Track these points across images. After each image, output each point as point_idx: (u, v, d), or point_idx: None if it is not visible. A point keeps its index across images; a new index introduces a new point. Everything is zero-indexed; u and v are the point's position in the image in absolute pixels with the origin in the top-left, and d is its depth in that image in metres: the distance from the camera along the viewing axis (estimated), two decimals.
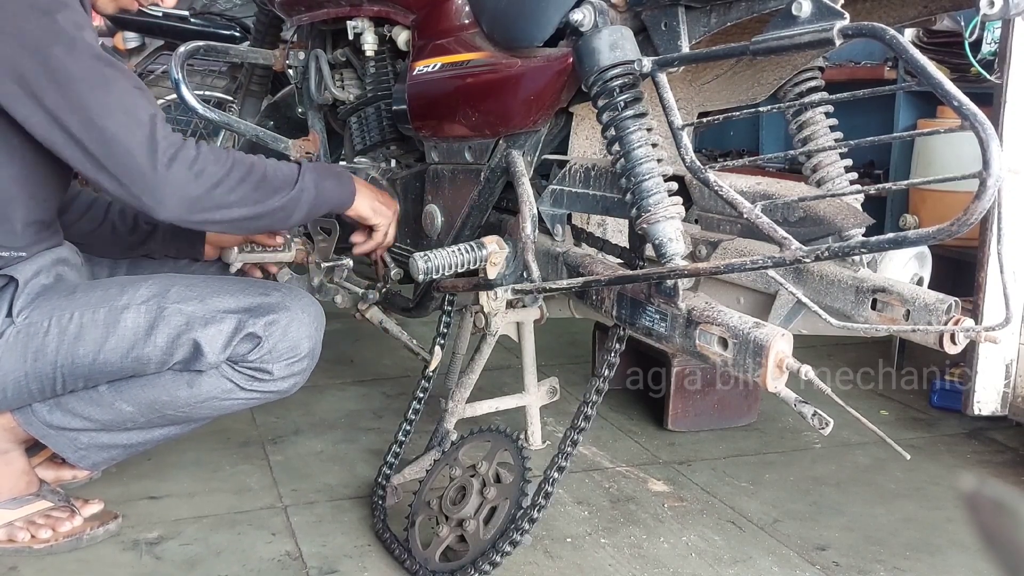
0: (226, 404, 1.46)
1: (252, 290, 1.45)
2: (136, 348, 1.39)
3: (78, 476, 1.69)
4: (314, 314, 1.47)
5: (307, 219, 1.50)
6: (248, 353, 1.40)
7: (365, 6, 1.70)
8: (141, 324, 1.38)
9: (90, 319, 1.38)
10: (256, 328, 1.39)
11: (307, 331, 1.44)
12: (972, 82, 2.22)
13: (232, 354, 1.40)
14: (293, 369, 1.44)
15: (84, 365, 1.39)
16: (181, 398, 1.43)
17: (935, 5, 1.25)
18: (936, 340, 1.24)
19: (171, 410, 1.46)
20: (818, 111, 1.43)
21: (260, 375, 1.43)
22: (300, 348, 1.43)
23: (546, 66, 1.32)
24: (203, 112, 1.80)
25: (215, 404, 1.45)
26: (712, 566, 1.48)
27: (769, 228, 1.00)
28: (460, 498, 1.38)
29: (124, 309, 1.39)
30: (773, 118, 3.68)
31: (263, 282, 1.58)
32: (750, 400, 2.10)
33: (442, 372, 1.81)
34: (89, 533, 1.50)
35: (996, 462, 1.95)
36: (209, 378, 1.42)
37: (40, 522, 1.48)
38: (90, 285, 1.46)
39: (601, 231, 1.60)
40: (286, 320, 1.41)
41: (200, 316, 1.39)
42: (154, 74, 3.28)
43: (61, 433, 1.47)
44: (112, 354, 1.38)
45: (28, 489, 1.52)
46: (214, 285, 1.44)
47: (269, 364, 1.42)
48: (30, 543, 1.46)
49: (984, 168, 0.81)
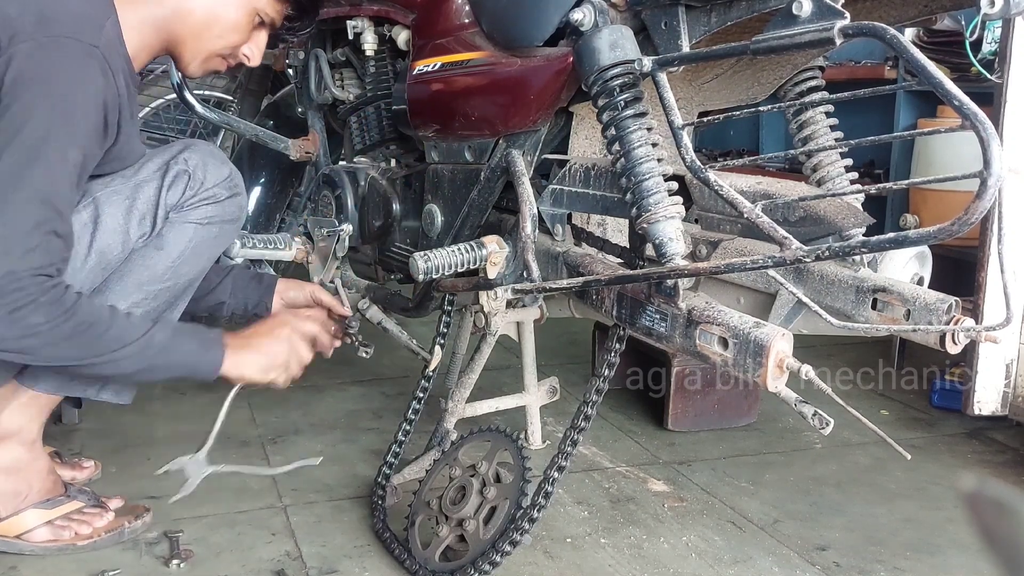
0: (201, 250, 1.47)
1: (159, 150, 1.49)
2: (93, 243, 1.39)
3: (78, 476, 1.69)
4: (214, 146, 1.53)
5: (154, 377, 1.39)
6: (185, 190, 1.43)
7: (365, 6, 1.70)
8: (86, 219, 1.38)
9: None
10: (179, 166, 1.44)
11: (220, 157, 1.49)
12: (972, 82, 2.22)
13: (171, 199, 1.43)
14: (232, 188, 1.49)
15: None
16: (160, 267, 1.44)
17: (935, 4, 1.25)
18: (936, 340, 1.24)
19: (158, 284, 1.45)
20: (818, 111, 1.43)
21: (207, 201, 1.45)
22: (224, 171, 1.48)
23: (546, 66, 1.32)
24: (203, 112, 1.81)
25: (190, 255, 1.46)
26: (712, 566, 1.48)
27: (769, 228, 1.00)
28: (460, 498, 1.38)
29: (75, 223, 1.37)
30: (773, 118, 3.68)
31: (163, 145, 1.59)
32: (750, 400, 2.10)
33: (442, 372, 1.81)
34: (129, 526, 1.51)
35: (996, 462, 1.95)
36: (170, 232, 1.44)
37: (78, 518, 1.49)
38: None
39: (601, 231, 1.60)
40: (199, 153, 1.47)
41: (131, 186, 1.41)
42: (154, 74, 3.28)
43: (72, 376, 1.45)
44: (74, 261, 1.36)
45: (56, 490, 1.52)
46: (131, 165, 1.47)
47: (210, 189, 1.45)
48: (74, 540, 1.47)
49: (985, 168, 0.81)
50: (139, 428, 1.99)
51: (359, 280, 1.90)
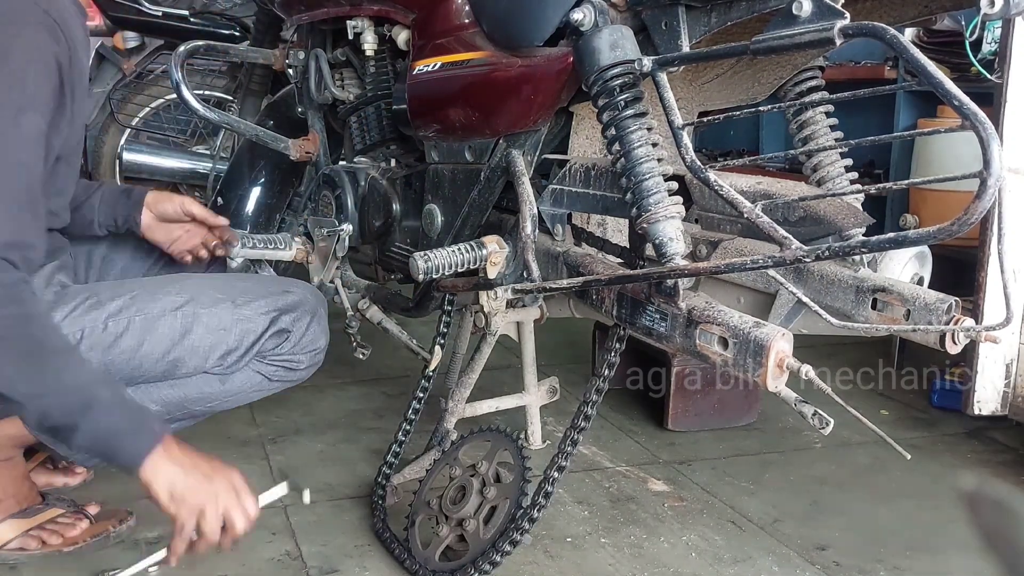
0: (252, 396, 1.51)
1: (274, 287, 1.50)
2: (172, 353, 1.39)
3: (70, 482, 1.68)
4: (325, 306, 1.57)
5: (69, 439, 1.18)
6: (277, 347, 1.46)
7: (365, 5, 1.70)
8: (176, 329, 1.39)
9: (124, 327, 1.36)
10: (285, 323, 1.46)
11: (323, 325, 1.53)
12: (972, 82, 2.22)
13: (262, 349, 1.45)
14: (315, 360, 1.53)
15: (118, 370, 1.37)
16: (212, 394, 1.46)
17: (935, 4, 1.25)
18: (936, 340, 1.24)
19: (199, 406, 1.48)
20: (818, 111, 1.43)
21: (289, 365, 1.49)
22: (320, 341, 1.52)
23: (546, 65, 1.32)
24: (203, 112, 1.80)
25: (241, 397, 1.49)
26: (712, 566, 1.48)
27: (769, 227, 1.00)
28: (460, 498, 1.38)
29: (159, 317, 1.38)
30: (773, 118, 3.68)
31: (280, 279, 1.63)
32: (750, 400, 2.10)
33: (442, 372, 1.81)
34: (114, 531, 1.50)
35: (996, 462, 1.95)
36: (241, 374, 1.46)
37: (63, 522, 1.48)
38: (113, 291, 1.40)
39: (601, 231, 1.60)
40: (309, 315, 1.49)
41: (234, 318, 1.42)
42: (154, 74, 3.28)
43: None
44: (147, 358, 1.38)
45: (34, 498, 1.52)
46: (239, 287, 1.47)
47: (297, 355, 1.49)
48: (60, 545, 1.46)
49: (984, 168, 0.81)
50: None
51: (359, 280, 1.90)
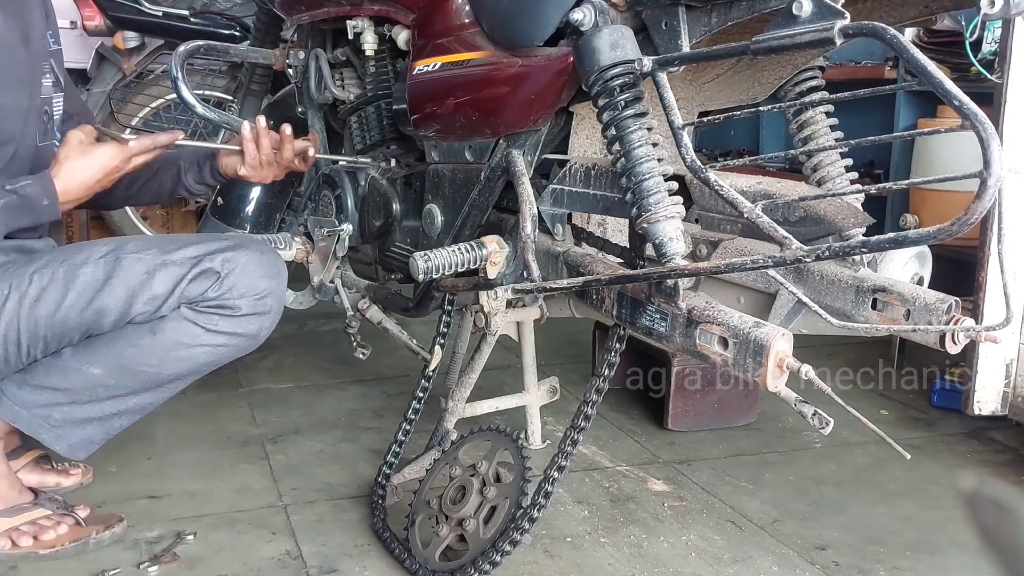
0: (195, 352, 1.40)
1: (209, 238, 1.43)
2: (96, 300, 1.36)
3: (63, 482, 1.68)
4: (272, 258, 1.45)
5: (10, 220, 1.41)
6: (207, 290, 1.37)
7: (365, 5, 1.70)
8: (99, 276, 1.36)
9: (48, 278, 1.36)
10: (213, 264, 1.37)
11: (265, 270, 1.42)
12: (972, 82, 2.22)
13: (189, 293, 1.37)
14: (257, 307, 1.40)
15: (43, 323, 1.36)
16: (146, 347, 1.39)
17: (936, 5, 1.25)
18: (936, 340, 1.24)
19: (140, 365, 1.40)
20: (818, 111, 1.43)
21: (224, 312, 1.39)
22: (260, 285, 1.40)
23: (546, 65, 1.32)
24: (203, 112, 1.80)
25: (183, 353, 1.40)
26: (712, 566, 1.48)
27: (769, 227, 1.00)
28: (460, 497, 1.38)
29: (82, 264, 1.37)
30: (773, 118, 3.68)
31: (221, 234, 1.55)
32: (750, 400, 2.10)
33: (442, 372, 1.82)
34: (95, 537, 1.48)
35: (996, 462, 1.95)
36: (172, 322, 1.38)
37: (45, 524, 1.47)
38: (47, 251, 1.44)
39: (601, 231, 1.60)
40: (244, 258, 1.39)
41: (158, 262, 1.37)
42: (154, 73, 3.28)
43: (32, 413, 1.43)
44: (71, 310, 1.36)
45: (22, 497, 1.51)
46: (171, 237, 1.43)
47: (231, 299, 1.38)
48: (35, 547, 1.45)
49: (984, 168, 0.81)
50: (139, 427, 1.98)
51: (359, 280, 1.90)
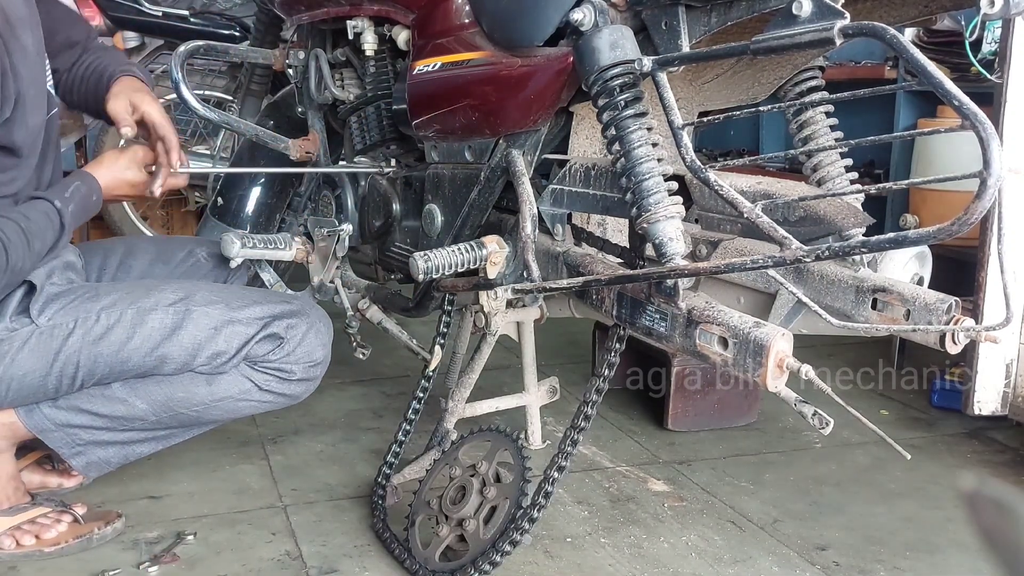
0: (240, 405, 1.49)
1: (274, 298, 1.51)
2: (161, 347, 1.41)
3: (65, 484, 1.67)
4: (328, 324, 1.55)
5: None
6: (269, 353, 1.46)
7: (365, 5, 1.70)
8: (168, 324, 1.41)
9: (116, 319, 1.42)
10: (279, 329, 1.45)
11: (322, 339, 1.51)
12: (972, 82, 2.22)
13: (253, 353, 1.44)
14: (309, 373, 1.50)
15: (103, 361, 1.41)
16: (198, 396, 1.46)
17: (935, 5, 1.25)
18: (936, 340, 1.24)
19: (185, 408, 1.47)
20: (818, 111, 1.43)
21: (280, 374, 1.48)
22: (316, 354, 1.50)
23: (546, 65, 1.32)
24: (203, 112, 1.80)
25: (229, 405, 1.48)
26: (712, 566, 1.48)
27: (769, 227, 1.00)
28: (460, 498, 1.38)
29: (151, 310, 1.42)
30: (773, 118, 3.68)
31: (282, 293, 1.64)
32: (750, 400, 2.10)
33: (442, 372, 1.81)
34: (98, 533, 1.50)
35: (996, 462, 1.95)
36: (229, 376, 1.46)
37: (45, 523, 1.48)
38: (113, 287, 1.49)
39: (601, 231, 1.60)
40: (306, 325, 1.48)
41: (225, 319, 1.43)
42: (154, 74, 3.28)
43: (61, 430, 1.47)
44: (135, 352, 1.41)
45: (22, 497, 1.52)
46: (237, 292, 1.49)
47: (289, 365, 1.47)
48: (38, 545, 1.45)
49: (984, 168, 0.81)
50: None
51: (359, 280, 1.90)
